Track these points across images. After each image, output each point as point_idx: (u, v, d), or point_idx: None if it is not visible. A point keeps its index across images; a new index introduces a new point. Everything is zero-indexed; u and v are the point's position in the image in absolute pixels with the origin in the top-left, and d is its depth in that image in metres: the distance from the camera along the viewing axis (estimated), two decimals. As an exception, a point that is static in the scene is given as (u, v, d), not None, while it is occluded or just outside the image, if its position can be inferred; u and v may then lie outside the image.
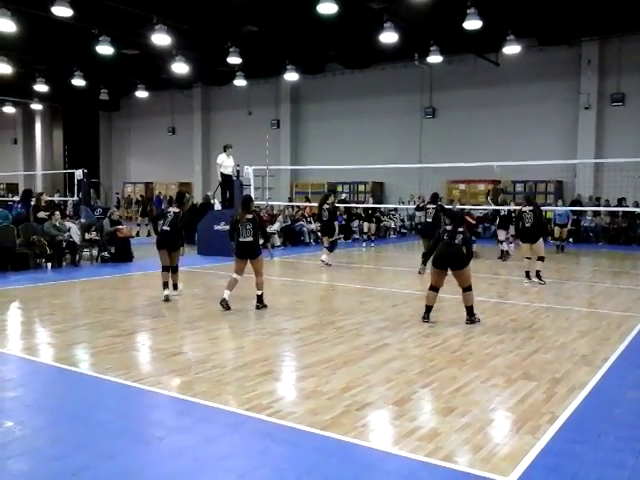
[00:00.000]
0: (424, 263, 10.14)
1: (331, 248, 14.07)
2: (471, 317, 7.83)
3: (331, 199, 14.43)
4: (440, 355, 6.34)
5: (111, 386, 5.32)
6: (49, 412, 4.82)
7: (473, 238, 10.39)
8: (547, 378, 5.55)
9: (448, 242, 7.70)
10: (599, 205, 20.26)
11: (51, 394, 5.28)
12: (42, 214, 14.06)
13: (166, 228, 9.39)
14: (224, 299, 8.50)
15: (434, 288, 7.88)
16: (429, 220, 12.89)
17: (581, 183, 21.23)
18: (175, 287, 9.73)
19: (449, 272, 7.81)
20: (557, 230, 16.94)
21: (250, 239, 8.54)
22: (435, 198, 13.34)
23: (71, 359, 6.22)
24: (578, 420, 4.59)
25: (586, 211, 19.71)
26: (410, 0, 14.63)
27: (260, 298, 8.70)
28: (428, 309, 7.93)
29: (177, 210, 9.51)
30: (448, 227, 7.85)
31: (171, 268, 9.53)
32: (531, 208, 11.11)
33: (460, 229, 7.78)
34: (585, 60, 21.21)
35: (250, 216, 8.60)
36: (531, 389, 5.25)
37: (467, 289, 7.77)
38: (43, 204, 14.65)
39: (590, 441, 4.24)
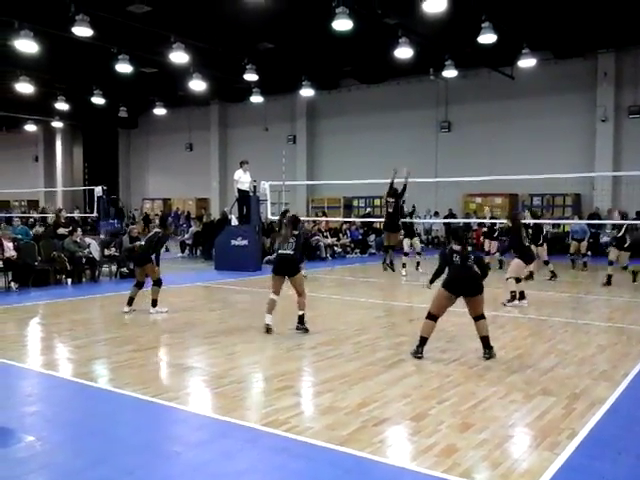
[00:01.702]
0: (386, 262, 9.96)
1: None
2: (489, 350, 6.78)
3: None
4: (457, 370, 6.30)
5: (130, 401, 5.37)
6: (69, 427, 4.87)
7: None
8: (566, 394, 5.50)
9: (461, 264, 6.78)
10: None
11: (71, 409, 5.34)
12: (62, 230, 14.27)
13: (141, 243, 10.04)
14: (267, 325, 8.10)
15: (434, 317, 6.81)
16: (390, 211, 14.20)
17: (599, 196, 21.05)
18: (153, 303, 9.68)
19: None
20: (573, 245, 16.71)
21: (290, 252, 8.11)
22: (395, 192, 14.33)
23: (91, 374, 6.29)
24: (598, 436, 4.54)
25: (604, 225, 19.49)
26: (425, 15, 14.68)
27: (301, 318, 8.21)
28: (423, 341, 6.80)
29: (158, 230, 10.02)
30: (456, 247, 6.90)
31: (153, 282, 9.73)
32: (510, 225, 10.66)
33: (469, 248, 6.98)
34: (601, 72, 21.10)
35: (296, 232, 8.33)
36: (550, 405, 5.21)
37: (481, 317, 6.80)
38: (62, 220, 14.86)
39: (610, 458, 4.19)
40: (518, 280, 10.31)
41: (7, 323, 9.25)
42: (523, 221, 11.48)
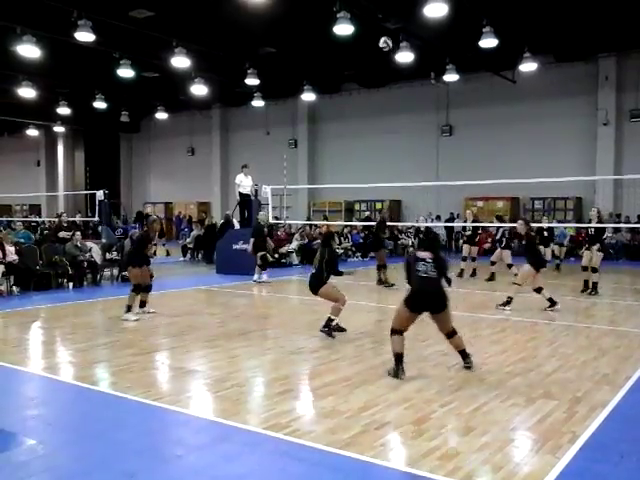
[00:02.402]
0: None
1: (262, 266, 14.15)
2: (469, 359, 6.39)
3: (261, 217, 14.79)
4: (459, 374, 6.29)
5: (131, 405, 5.37)
6: (70, 430, 4.88)
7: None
8: (568, 397, 5.49)
9: (425, 276, 6.13)
10: (619, 222, 20.03)
11: (72, 412, 5.34)
12: (63, 234, 14.29)
13: (129, 249, 9.92)
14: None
15: (399, 331, 6.20)
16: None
17: (601, 199, 21.04)
18: (127, 309, 9.56)
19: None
20: (557, 248, 16.97)
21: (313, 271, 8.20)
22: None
23: (92, 378, 6.29)
24: (600, 440, 4.53)
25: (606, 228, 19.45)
26: (426, 19, 14.72)
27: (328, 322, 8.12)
28: (399, 358, 6.14)
29: (140, 231, 9.88)
30: (422, 254, 6.22)
31: (132, 288, 9.61)
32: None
33: (438, 257, 6.26)
34: (602, 76, 21.13)
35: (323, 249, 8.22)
36: (552, 408, 5.20)
37: (452, 333, 6.33)
38: (64, 224, 14.89)
39: (612, 461, 4.18)
40: (539, 290, 10.19)
41: (9, 327, 9.27)
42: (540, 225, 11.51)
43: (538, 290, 10.22)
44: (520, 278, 10.44)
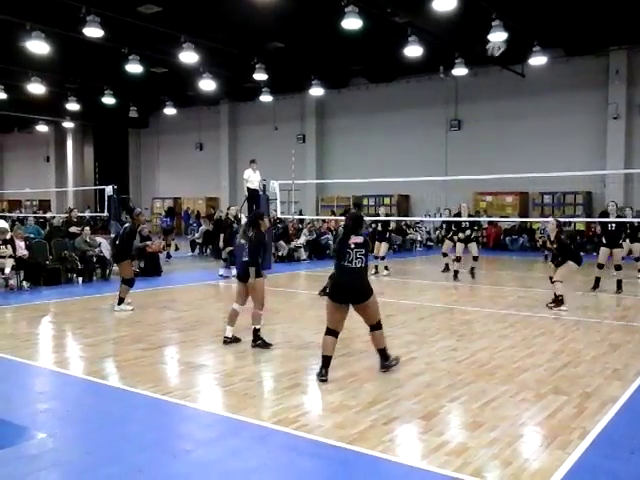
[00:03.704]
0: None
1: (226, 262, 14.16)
2: (387, 361, 6.14)
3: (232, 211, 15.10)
4: (468, 369, 6.28)
5: (140, 399, 5.39)
6: (80, 424, 4.90)
7: None
8: (578, 392, 5.46)
9: (349, 265, 5.80)
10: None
11: (82, 407, 5.37)
12: (74, 229, 14.36)
13: (117, 242, 9.86)
14: (225, 337, 7.50)
15: (333, 332, 5.93)
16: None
17: (611, 194, 20.89)
18: (119, 301, 9.72)
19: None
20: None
21: (245, 259, 7.36)
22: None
23: (101, 372, 6.33)
24: (610, 435, 4.50)
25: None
26: (434, 13, 14.62)
27: (254, 334, 7.33)
28: (326, 361, 5.87)
29: (127, 224, 9.95)
30: (355, 239, 5.85)
31: (122, 280, 9.73)
32: None
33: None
34: (613, 70, 20.94)
35: (250, 234, 7.36)
36: (561, 404, 5.17)
37: (376, 326, 6.06)
38: (74, 219, 14.96)
39: (622, 457, 4.15)
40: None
41: (19, 322, 9.33)
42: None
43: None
44: (560, 275, 9.90)
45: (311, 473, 3.96)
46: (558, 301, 9.85)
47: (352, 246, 5.82)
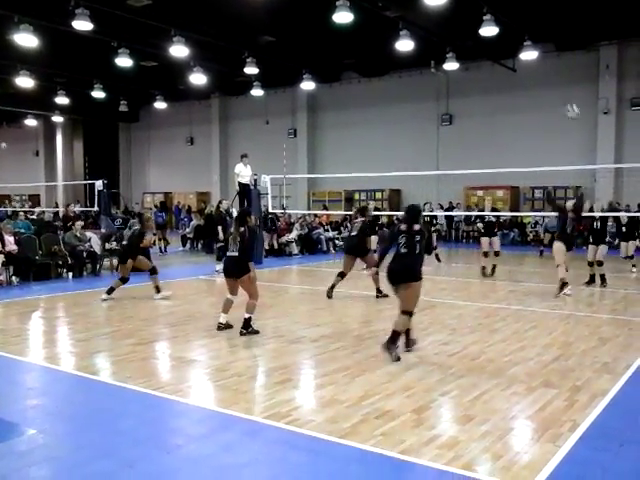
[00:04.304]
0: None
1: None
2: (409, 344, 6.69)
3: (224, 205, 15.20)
4: (460, 363, 6.30)
5: (131, 394, 5.37)
6: (71, 420, 4.88)
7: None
8: (568, 386, 5.49)
9: (400, 252, 6.46)
10: (619, 210, 19.95)
11: (73, 402, 5.34)
12: (78, 223, 14.40)
13: (124, 243, 10.59)
14: (219, 323, 7.83)
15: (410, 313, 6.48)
16: (353, 234, 11.01)
17: (601, 188, 21.00)
18: (157, 290, 10.37)
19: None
20: (547, 237, 17.11)
21: (235, 254, 7.61)
22: (363, 210, 11.41)
23: (92, 368, 6.29)
24: (600, 428, 4.53)
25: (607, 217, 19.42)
26: (426, 7, 14.60)
27: (246, 322, 7.60)
28: (396, 338, 6.33)
29: (136, 227, 10.63)
30: (404, 227, 6.54)
31: (149, 272, 10.54)
32: None
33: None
34: (603, 64, 21.01)
35: (242, 229, 7.62)
36: (552, 397, 5.20)
37: (405, 313, 6.44)
38: (71, 214, 14.95)
39: (612, 450, 4.18)
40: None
41: (8, 317, 9.27)
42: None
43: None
44: (557, 258, 10.50)
45: (303, 467, 3.96)
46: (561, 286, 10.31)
47: (403, 234, 6.44)
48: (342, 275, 10.60)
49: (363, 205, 12.90)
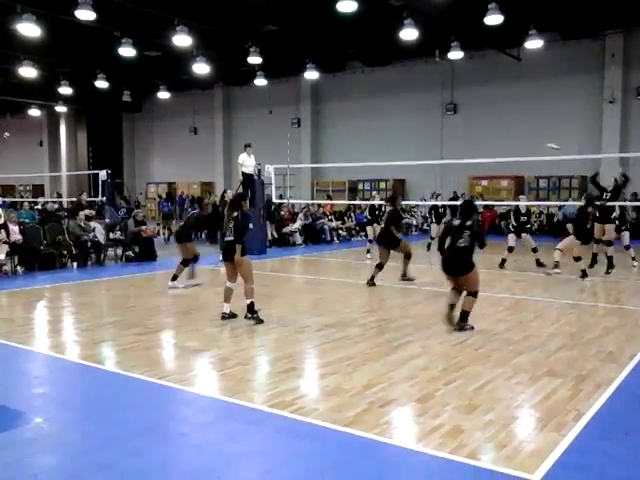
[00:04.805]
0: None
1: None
2: (463, 322, 7.27)
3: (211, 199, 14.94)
4: (464, 352, 6.30)
5: (136, 383, 5.39)
6: (76, 409, 4.90)
7: None
8: (572, 375, 5.49)
9: (451, 244, 7.29)
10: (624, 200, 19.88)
11: (78, 391, 5.37)
12: (87, 212, 14.47)
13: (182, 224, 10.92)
14: (223, 313, 7.87)
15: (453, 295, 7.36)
16: (382, 225, 11.35)
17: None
18: (173, 278, 10.38)
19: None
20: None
21: (230, 238, 7.67)
22: (393, 200, 11.35)
23: (97, 357, 6.32)
24: (604, 417, 4.53)
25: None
26: (430, -4, 14.55)
27: (250, 308, 7.67)
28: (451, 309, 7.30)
29: (194, 211, 11.11)
30: (456, 222, 7.34)
31: (181, 261, 10.57)
32: None
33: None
34: (609, 53, 20.84)
35: (235, 214, 7.69)
36: (556, 386, 5.20)
37: (471, 294, 7.27)
38: (84, 203, 15.03)
39: (617, 438, 4.18)
40: (579, 259, 11.21)
41: (14, 306, 9.31)
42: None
43: (577, 259, 11.16)
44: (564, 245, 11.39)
45: (307, 456, 3.97)
46: (554, 266, 11.41)
47: (455, 229, 7.21)
48: (380, 267, 10.66)
49: (392, 195, 12.61)
